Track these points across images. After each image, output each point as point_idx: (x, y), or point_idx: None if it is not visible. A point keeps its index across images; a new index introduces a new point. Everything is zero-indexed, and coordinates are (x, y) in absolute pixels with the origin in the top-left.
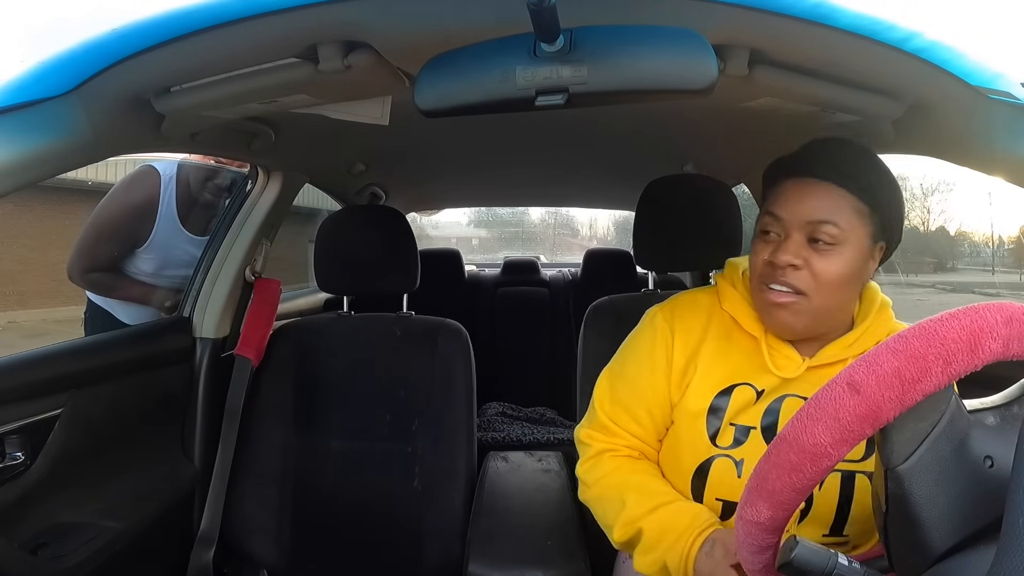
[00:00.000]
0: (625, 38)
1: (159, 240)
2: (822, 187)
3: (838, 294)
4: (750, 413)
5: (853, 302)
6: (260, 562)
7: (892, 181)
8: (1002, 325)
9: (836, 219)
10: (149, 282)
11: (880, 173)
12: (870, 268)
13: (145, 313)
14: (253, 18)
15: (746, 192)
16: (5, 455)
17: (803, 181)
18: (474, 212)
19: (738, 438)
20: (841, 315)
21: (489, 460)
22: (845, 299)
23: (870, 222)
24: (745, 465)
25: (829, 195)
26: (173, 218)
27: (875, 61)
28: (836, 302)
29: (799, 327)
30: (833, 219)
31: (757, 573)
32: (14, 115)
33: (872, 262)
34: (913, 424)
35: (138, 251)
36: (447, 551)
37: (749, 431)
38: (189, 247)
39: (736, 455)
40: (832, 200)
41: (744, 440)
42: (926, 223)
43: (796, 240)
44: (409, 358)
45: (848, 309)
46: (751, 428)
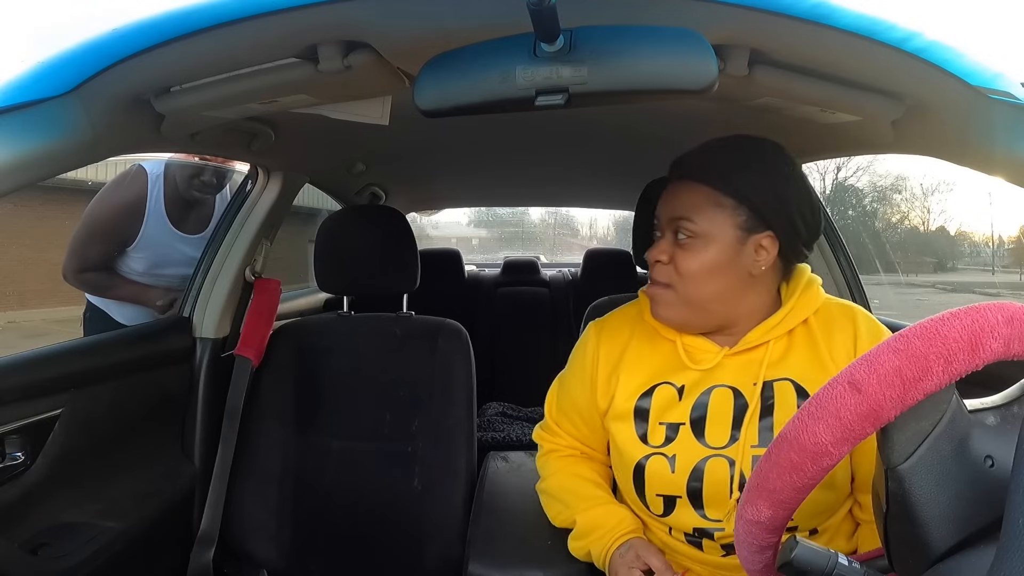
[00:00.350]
0: (625, 38)
1: (148, 238)
2: (683, 186)
3: (706, 285)
4: (676, 410)
5: (743, 291)
6: (260, 562)
7: (774, 171)
8: (1003, 325)
9: (692, 215)
10: (142, 281)
11: (755, 165)
12: (759, 258)
13: (141, 313)
14: (253, 18)
15: None
16: (5, 455)
17: (672, 183)
18: (474, 212)
19: (668, 435)
20: (732, 304)
21: (489, 460)
22: (722, 289)
23: (734, 213)
24: (677, 460)
25: (688, 192)
26: (162, 216)
27: (875, 61)
28: (708, 292)
29: (675, 318)
30: (689, 215)
31: (757, 573)
32: (14, 115)
33: (762, 251)
34: (914, 423)
35: (128, 250)
36: (447, 551)
37: (678, 427)
38: (180, 245)
39: (668, 452)
40: (690, 197)
41: (675, 437)
42: (926, 223)
43: (665, 238)
44: (409, 358)
45: (739, 298)
46: (680, 424)
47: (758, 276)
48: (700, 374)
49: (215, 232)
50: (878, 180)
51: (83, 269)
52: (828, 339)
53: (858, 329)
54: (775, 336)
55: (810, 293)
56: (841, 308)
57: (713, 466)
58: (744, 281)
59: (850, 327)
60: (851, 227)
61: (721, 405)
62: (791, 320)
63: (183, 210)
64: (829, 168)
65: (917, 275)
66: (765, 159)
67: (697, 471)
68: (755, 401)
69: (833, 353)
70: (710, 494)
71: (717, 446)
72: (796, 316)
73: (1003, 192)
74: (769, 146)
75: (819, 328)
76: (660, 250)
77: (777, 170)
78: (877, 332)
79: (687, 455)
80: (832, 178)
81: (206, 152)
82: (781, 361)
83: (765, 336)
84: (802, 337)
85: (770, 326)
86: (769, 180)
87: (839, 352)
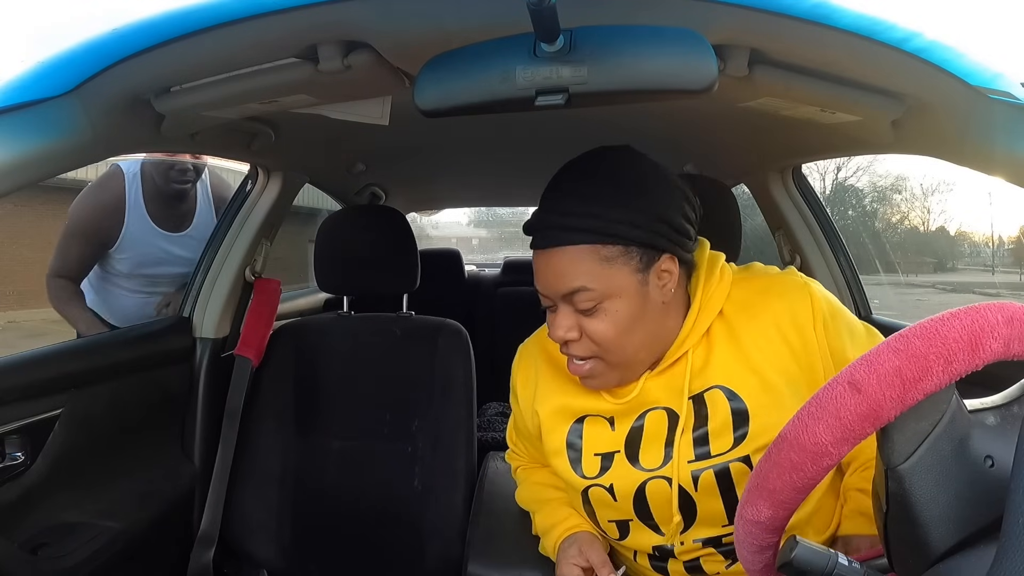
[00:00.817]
0: (625, 38)
1: (131, 238)
2: (556, 253)
3: (631, 341)
4: (609, 439)
5: (662, 321)
6: (260, 562)
7: (640, 191)
8: (1003, 325)
9: (585, 282)
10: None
11: (621, 197)
12: (665, 283)
13: (134, 314)
14: (253, 18)
15: (746, 192)
16: (5, 455)
17: (540, 253)
18: (474, 212)
19: (604, 465)
20: (658, 340)
21: (489, 460)
22: (645, 335)
23: (626, 259)
24: (616, 488)
25: (566, 259)
26: (143, 215)
27: (875, 61)
28: (636, 344)
29: (614, 381)
30: (582, 284)
31: (757, 573)
32: (14, 115)
33: (665, 275)
34: (914, 423)
35: (111, 252)
36: (447, 551)
37: (613, 456)
38: (163, 243)
39: (604, 482)
40: (572, 264)
41: (609, 465)
42: (926, 223)
43: (563, 312)
44: (409, 358)
45: (661, 330)
46: (614, 452)
47: (670, 299)
48: (627, 404)
49: (215, 232)
50: (878, 180)
51: (58, 273)
52: (749, 323)
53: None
54: (692, 344)
55: (713, 280)
56: (751, 283)
57: (653, 488)
58: (659, 314)
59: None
60: (851, 227)
61: (655, 427)
62: (704, 320)
63: (164, 207)
64: (829, 168)
65: (917, 275)
66: (624, 183)
67: (639, 495)
68: (686, 415)
69: (761, 338)
70: (659, 515)
71: (652, 467)
72: (706, 315)
73: (1003, 192)
74: (621, 160)
75: (735, 315)
76: (565, 327)
77: (641, 190)
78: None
79: (624, 482)
80: (832, 178)
81: (206, 152)
82: (705, 368)
83: (681, 348)
84: (720, 334)
85: (683, 336)
86: (642, 207)
87: (771, 333)
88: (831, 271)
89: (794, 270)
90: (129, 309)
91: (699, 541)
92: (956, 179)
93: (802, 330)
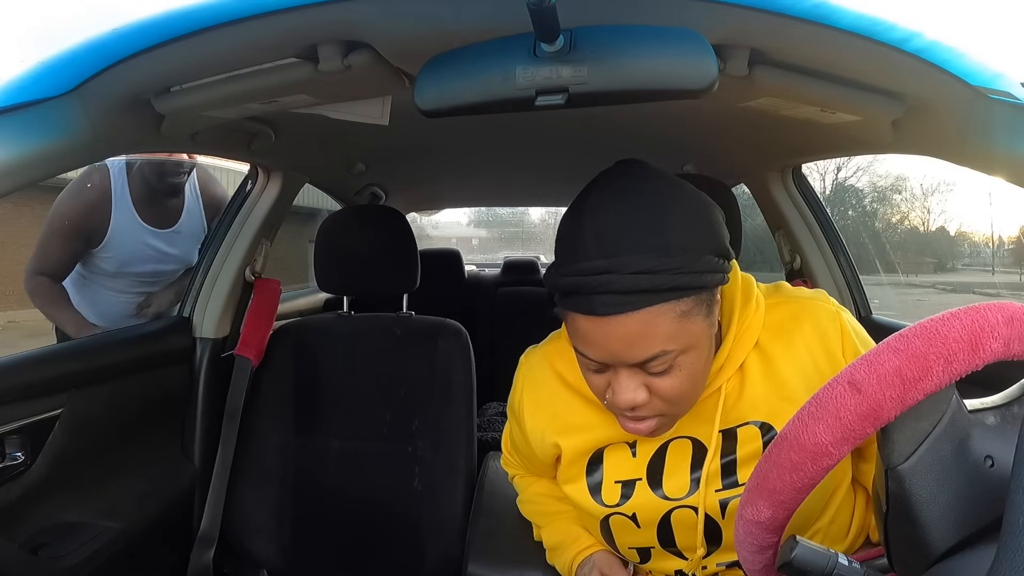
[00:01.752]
0: (625, 38)
1: (117, 235)
2: (626, 320)
3: (699, 388)
4: (630, 466)
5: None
6: (260, 562)
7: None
8: (1003, 325)
9: (666, 345)
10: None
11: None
12: (713, 318)
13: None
14: (253, 18)
15: (746, 192)
16: (5, 455)
17: (603, 320)
18: (474, 212)
19: (624, 493)
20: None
21: (489, 460)
22: (705, 375)
23: (697, 307)
24: (639, 517)
25: (638, 324)
26: (130, 211)
27: (875, 61)
28: (700, 389)
29: (667, 428)
30: (663, 347)
31: (757, 573)
32: (14, 115)
33: (715, 305)
34: (914, 423)
35: (95, 251)
36: (447, 551)
37: (634, 483)
38: (151, 240)
39: (627, 511)
40: (645, 327)
41: (631, 494)
42: (926, 223)
43: (627, 374)
44: (409, 358)
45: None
46: (636, 480)
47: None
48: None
49: (215, 232)
50: (878, 180)
51: (38, 271)
52: (787, 350)
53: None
54: (726, 379)
55: (750, 310)
56: (783, 308)
57: (678, 517)
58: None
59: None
60: (851, 227)
61: (679, 454)
62: (738, 355)
63: (151, 203)
64: (829, 168)
65: (917, 275)
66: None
67: (664, 524)
68: (715, 446)
69: (797, 361)
70: (683, 542)
71: (676, 496)
72: (742, 347)
73: (1003, 192)
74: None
75: (770, 343)
76: (633, 390)
77: (693, 223)
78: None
79: (648, 511)
80: (832, 178)
81: (206, 152)
82: (739, 402)
83: (715, 384)
84: (755, 364)
85: (715, 370)
86: (699, 246)
87: (805, 358)
88: (831, 271)
89: (826, 295)
90: (114, 310)
91: (723, 565)
92: (956, 179)
93: (833, 358)
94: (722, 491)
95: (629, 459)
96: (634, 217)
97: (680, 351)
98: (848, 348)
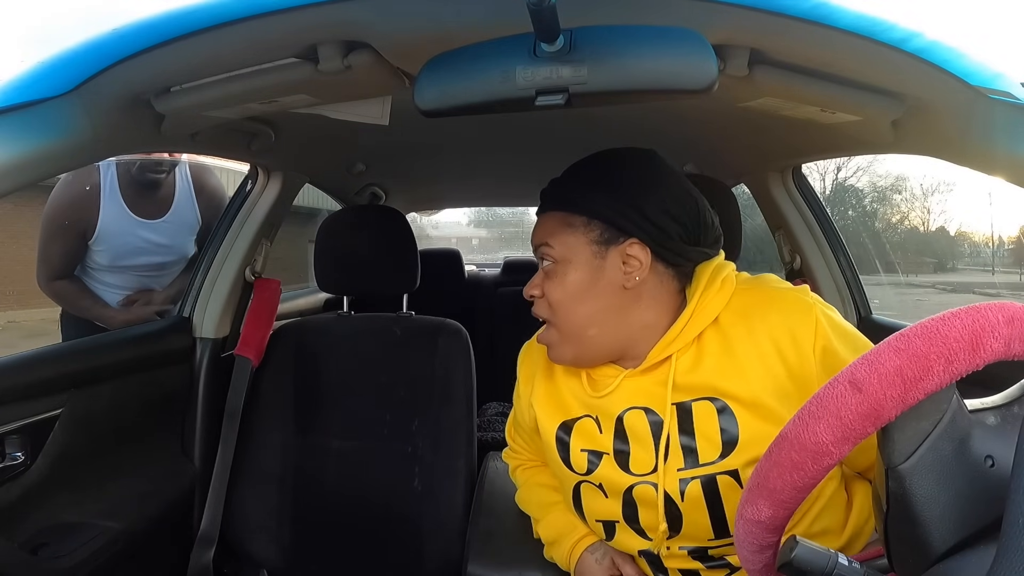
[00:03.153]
0: (625, 38)
1: (107, 228)
2: (543, 217)
3: (577, 310)
4: (599, 440)
5: (623, 308)
6: (260, 562)
7: (626, 181)
8: (1004, 324)
9: (549, 239)
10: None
11: (603, 181)
12: (629, 268)
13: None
14: (253, 18)
15: (746, 192)
16: (5, 455)
17: (537, 217)
18: (474, 212)
19: (591, 461)
20: (613, 325)
21: (489, 460)
22: (595, 311)
23: (587, 230)
24: (605, 487)
25: (545, 220)
26: (118, 202)
27: (875, 61)
28: (581, 317)
29: (566, 355)
30: (547, 240)
31: (757, 573)
32: (14, 115)
33: (633, 260)
34: (915, 423)
35: (90, 244)
36: (447, 551)
37: (601, 455)
38: (141, 231)
39: (594, 480)
40: (546, 224)
41: (598, 463)
42: (926, 223)
43: (538, 272)
44: (409, 358)
45: (620, 317)
46: (603, 453)
47: (637, 288)
48: (606, 400)
49: (215, 232)
50: (878, 180)
51: (52, 276)
52: (747, 335)
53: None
54: (678, 348)
55: (715, 287)
56: (754, 293)
57: (640, 492)
58: (620, 297)
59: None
60: (851, 227)
61: (639, 429)
62: (696, 324)
63: (140, 194)
64: (829, 168)
65: (917, 275)
66: (611, 170)
67: (628, 497)
68: (670, 420)
69: (755, 349)
70: (645, 520)
71: (641, 472)
72: (701, 317)
73: (1003, 192)
74: (624, 156)
75: (732, 324)
76: (533, 284)
77: (627, 177)
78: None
79: (613, 483)
80: (832, 178)
81: (206, 152)
82: (692, 372)
83: (666, 350)
84: (713, 340)
85: (671, 338)
86: (617, 190)
87: (764, 347)
88: (831, 271)
89: (807, 289)
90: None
91: (685, 549)
92: (956, 179)
93: (800, 349)
94: (684, 470)
95: (596, 433)
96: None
97: (560, 256)
98: (820, 342)
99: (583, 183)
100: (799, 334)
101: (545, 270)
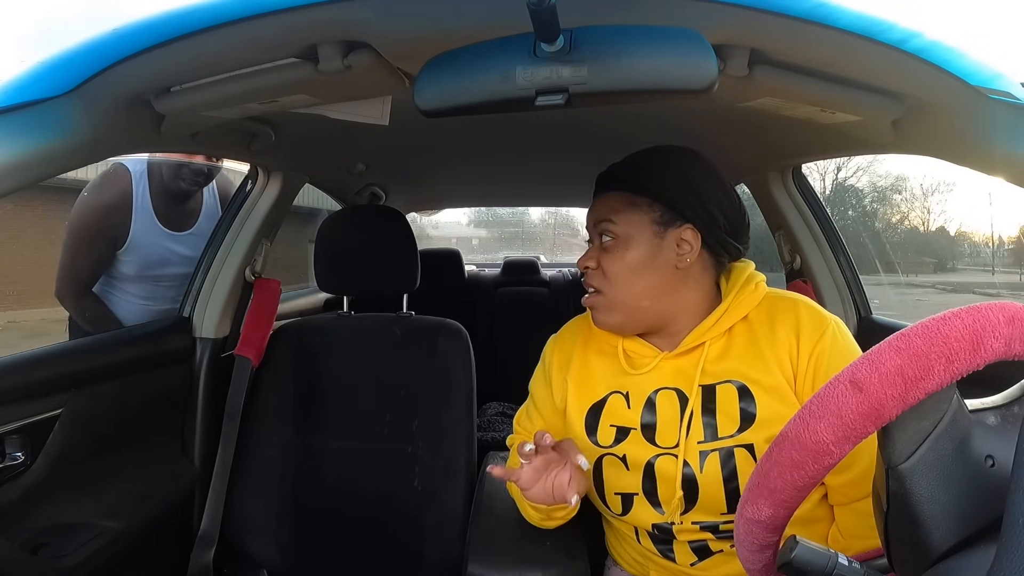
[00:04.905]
0: (625, 38)
1: (138, 238)
2: (604, 195)
3: (633, 284)
4: (627, 416)
5: (674, 286)
6: (260, 562)
7: (684, 169)
8: (1004, 324)
9: (611, 216)
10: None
11: (665, 166)
12: (682, 251)
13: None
14: (253, 18)
15: (746, 192)
16: (5, 455)
17: (596, 196)
18: (474, 212)
19: (618, 436)
20: (664, 300)
21: (489, 460)
22: (649, 286)
23: (649, 210)
24: (628, 459)
25: (608, 199)
26: (149, 214)
27: (875, 61)
28: (636, 291)
29: (610, 321)
30: (609, 216)
31: (757, 572)
32: (14, 115)
33: (685, 244)
34: (915, 423)
35: (119, 254)
36: (447, 551)
37: (628, 431)
38: (169, 243)
39: (618, 452)
40: (609, 202)
41: (624, 438)
42: (926, 223)
43: (593, 245)
44: (409, 358)
45: (671, 294)
46: (630, 428)
47: (686, 270)
48: (642, 378)
49: (215, 232)
50: (878, 180)
51: (81, 290)
52: (770, 333)
53: (800, 318)
54: (712, 337)
55: (749, 289)
56: (783, 301)
57: (663, 464)
58: (672, 276)
59: (791, 318)
60: (851, 227)
61: (668, 408)
62: (729, 318)
63: (170, 206)
64: (829, 168)
65: (917, 275)
66: (674, 160)
67: (649, 468)
68: (695, 398)
69: (775, 346)
70: (663, 492)
71: (665, 446)
72: (735, 313)
73: (1003, 192)
74: (682, 151)
75: (760, 323)
76: (588, 256)
77: (687, 168)
78: (819, 319)
79: (636, 454)
80: (832, 178)
81: (206, 152)
82: (720, 360)
83: (701, 337)
84: (742, 334)
85: (707, 327)
86: (679, 177)
87: (781, 345)
88: (831, 271)
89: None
90: (134, 315)
91: (697, 524)
92: (956, 179)
93: (802, 351)
94: (704, 443)
95: (625, 409)
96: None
97: (620, 232)
98: (820, 351)
99: (649, 168)
100: (804, 336)
101: (604, 246)
